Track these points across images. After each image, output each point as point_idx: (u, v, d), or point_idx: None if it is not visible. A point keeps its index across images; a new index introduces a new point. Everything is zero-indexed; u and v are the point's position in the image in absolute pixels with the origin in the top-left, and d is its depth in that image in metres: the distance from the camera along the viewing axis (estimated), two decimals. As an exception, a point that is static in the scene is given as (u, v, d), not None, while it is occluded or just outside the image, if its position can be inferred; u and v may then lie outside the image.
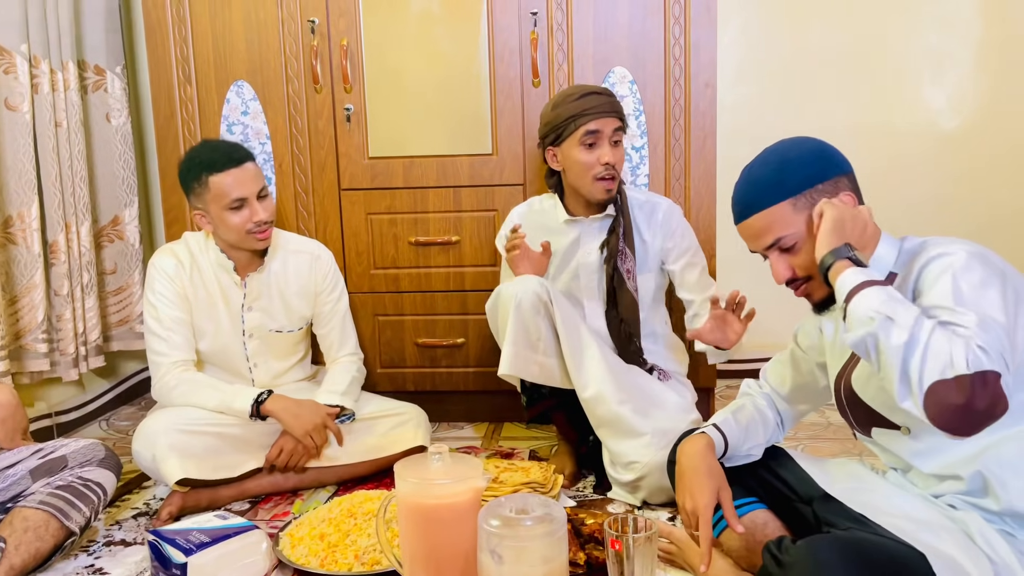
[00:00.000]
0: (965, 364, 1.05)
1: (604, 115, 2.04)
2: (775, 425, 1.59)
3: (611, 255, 2.11)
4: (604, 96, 2.06)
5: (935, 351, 1.07)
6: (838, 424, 2.54)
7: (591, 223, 2.16)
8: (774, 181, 1.33)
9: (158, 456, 1.90)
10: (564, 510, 1.35)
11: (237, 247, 2.10)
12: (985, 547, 1.19)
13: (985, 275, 1.16)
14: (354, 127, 2.49)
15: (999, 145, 2.94)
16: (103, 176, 2.75)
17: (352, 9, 2.44)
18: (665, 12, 2.37)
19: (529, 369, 2.00)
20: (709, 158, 2.43)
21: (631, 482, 1.94)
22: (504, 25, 2.41)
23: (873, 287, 1.17)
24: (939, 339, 1.07)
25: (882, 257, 1.33)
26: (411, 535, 1.43)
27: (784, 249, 1.35)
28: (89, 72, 2.70)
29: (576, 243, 2.17)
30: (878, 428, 1.38)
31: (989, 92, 2.94)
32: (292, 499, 2.06)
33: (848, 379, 1.41)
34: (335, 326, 2.25)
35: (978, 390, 1.04)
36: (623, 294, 2.11)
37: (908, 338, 1.08)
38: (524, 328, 1.98)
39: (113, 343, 2.82)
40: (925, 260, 1.23)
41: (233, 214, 2.02)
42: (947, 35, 2.93)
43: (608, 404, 1.96)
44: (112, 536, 1.87)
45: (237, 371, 2.18)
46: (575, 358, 1.99)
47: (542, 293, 1.99)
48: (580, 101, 2.05)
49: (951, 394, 1.05)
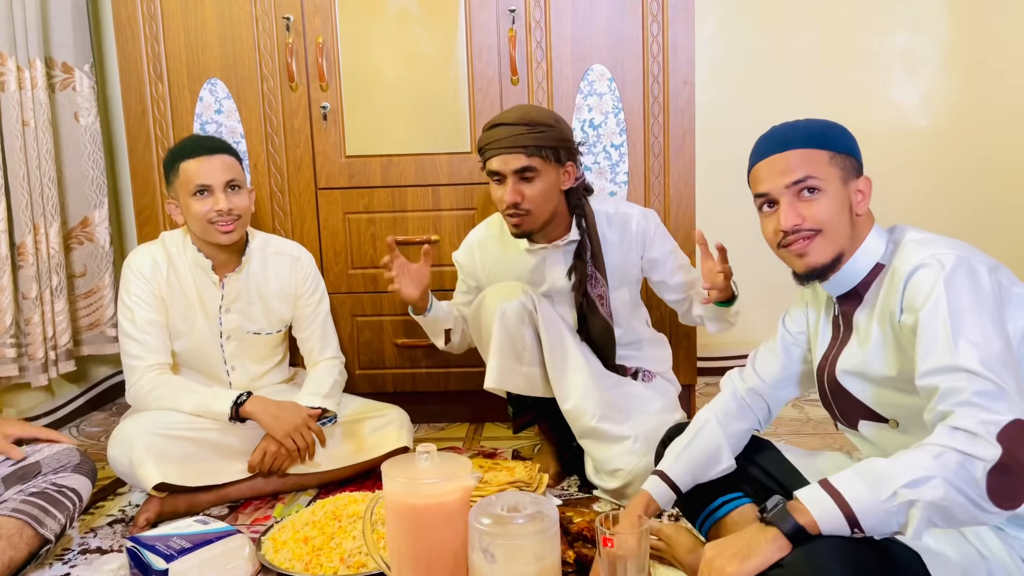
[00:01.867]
0: (990, 445, 1.04)
1: (503, 152, 1.90)
2: (744, 422, 1.56)
3: (580, 281, 2.03)
4: (515, 128, 1.90)
5: (957, 470, 1.04)
6: (818, 419, 2.55)
7: (553, 250, 2.06)
8: (818, 131, 1.34)
9: (135, 460, 1.85)
10: (555, 508, 1.34)
11: (204, 240, 2.06)
12: (976, 542, 1.20)
13: (972, 291, 1.16)
14: (330, 125, 2.46)
15: (970, 143, 2.98)
16: (72, 176, 2.69)
17: (328, 6, 2.41)
18: (643, 10, 2.37)
19: (515, 381, 1.97)
20: (688, 155, 2.44)
21: (616, 489, 1.92)
22: (482, 22, 2.39)
23: (836, 490, 1.11)
24: (951, 457, 1.05)
25: (869, 249, 1.33)
26: (399, 536, 1.41)
27: (807, 189, 1.31)
28: (57, 70, 2.64)
29: (542, 266, 2.08)
30: (865, 421, 1.38)
31: (959, 92, 2.99)
32: (273, 503, 2.03)
33: (832, 370, 1.40)
34: (316, 329, 2.22)
35: (1017, 449, 1.03)
36: (595, 320, 2.05)
37: (936, 479, 1.05)
38: (509, 339, 1.95)
39: (84, 347, 2.76)
40: (911, 267, 1.23)
41: (195, 201, 1.99)
42: (918, 35, 2.97)
43: (588, 418, 1.93)
44: (87, 544, 1.82)
45: (214, 374, 2.14)
46: (557, 369, 1.96)
47: (527, 301, 1.96)
48: (488, 133, 1.94)
49: (1005, 479, 1.03)
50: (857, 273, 1.34)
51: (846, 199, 1.32)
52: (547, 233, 2.04)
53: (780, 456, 1.56)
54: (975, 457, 1.04)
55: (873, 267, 1.33)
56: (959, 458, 1.05)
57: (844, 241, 1.32)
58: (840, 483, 1.11)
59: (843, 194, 1.31)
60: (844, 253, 1.33)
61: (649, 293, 2.28)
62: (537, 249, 2.07)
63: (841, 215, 1.31)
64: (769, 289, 2.03)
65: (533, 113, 1.94)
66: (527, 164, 1.90)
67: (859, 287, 1.35)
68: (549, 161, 1.93)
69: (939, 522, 1.07)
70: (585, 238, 2.03)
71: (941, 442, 1.07)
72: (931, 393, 1.14)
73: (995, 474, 1.04)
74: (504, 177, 1.93)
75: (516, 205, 1.92)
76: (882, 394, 1.33)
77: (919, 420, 1.25)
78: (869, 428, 1.39)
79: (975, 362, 1.10)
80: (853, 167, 1.34)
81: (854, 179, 1.34)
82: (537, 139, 1.91)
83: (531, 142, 1.90)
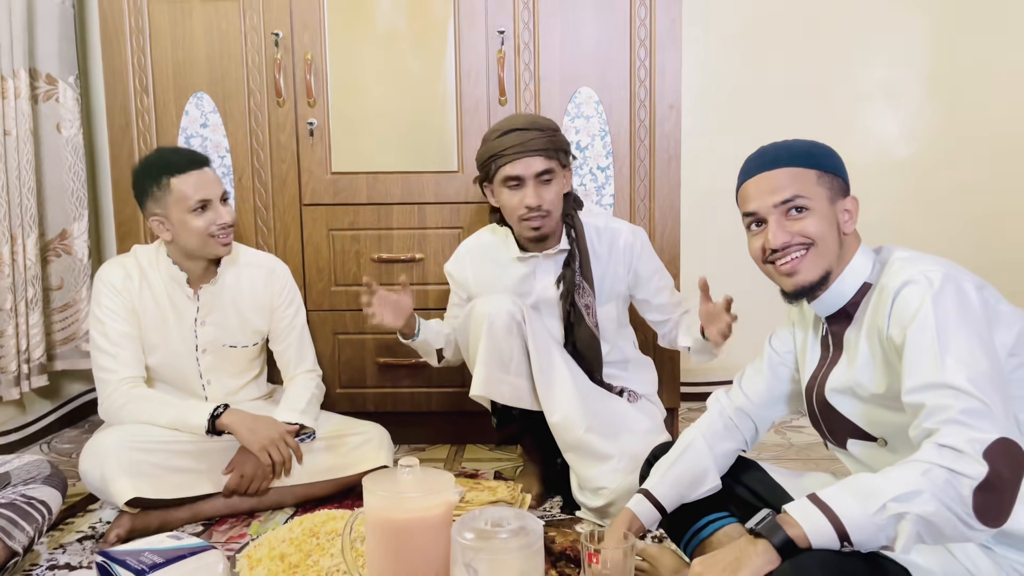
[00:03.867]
0: (977, 463, 1.04)
1: (522, 156, 1.94)
2: (729, 443, 1.55)
3: (568, 291, 2.05)
4: (528, 132, 1.95)
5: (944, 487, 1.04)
6: (800, 445, 2.55)
7: (544, 259, 2.09)
8: (807, 151, 1.35)
9: (107, 475, 1.81)
10: (540, 523, 1.32)
11: (195, 255, 2.03)
12: (965, 561, 1.18)
13: (960, 308, 1.16)
14: (317, 142, 2.45)
15: (950, 174, 3.03)
16: (52, 188, 2.65)
17: (317, 23, 2.41)
18: (631, 34, 2.40)
19: (501, 390, 1.95)
20: (673, 179, 2.45)
21: (600, 508, 1.90)
22: (471, 43, 2.41)
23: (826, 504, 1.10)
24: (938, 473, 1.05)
25: (857, 268, 1.34)
26: (380, 551, 1.38)
27: (795, 208, 1.31)
28: (40, 81, 2.62)
29: (532, 277, 2.10)
30: (854, 440, 1.38)
31: (939, 123, 3.04)
32: (248, 521, 1.98)
33: (821, 390, 1.40)
34: (292, 342, 2.19)
35: (1002, 467, 1.04)
36: (582, 330, 2.05)
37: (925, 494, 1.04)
38: (497, 349, 1.94)
39: (57, 362, 2.71)
40: (899, 283, 1.23)
41: (196, 217, 1.97)
42: (898, 68, 3.02)
43: (576, 430, 1.92)
44: (56, 560, 1.77)
45: (190, 388, 2.11)
46: (545, 381, 1.96)
47: (515, 312, 1.95)
48: (500, 140, 1.97)
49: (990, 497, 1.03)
50: (845, 293, 1.34)
51: (834, 218, 1.32)
52: (539, 242, 2.07)
53: (766, 476, 1.55)
54: (962, 475, 1.04)
55: (861, 286, 1.33)
56: (946, 475, 1.04)
57: (832, 259, 1.32)
58: (829, 497, 1.10)
59: (831, 213, 1.32)
60: (832, 271, 1.33)
61: (635, 316, 2.28)
62: (528, 257, 2.08)
63: (830, 233, 1.32)
64: (752, 316, 2.04)
65: (539, 119, 2.01)
66: (547, 166, 1.96)
67: (847, 307, 1.35)
68: (560, 164, 2.00)
69: (927, 538, 1.06)
70: (574, 248, 2.04)
71: (928, 459, 1.07)
72: (917, 410, 1.14)
73: (981, 492, 1.03)
74: (522, 182, 1.96)
75: (539, 207, 1.95)
76: (871, 412, 1.33)
77: (908, 438, 1.25)
78: (858, 447, 1.38)
79: (962, 380, 1.10)
80: (840, 187, 1.35)
81: (841, 198, 1.34)
82: (552, 142, 1.97)
83: (548, 145, 1.96)
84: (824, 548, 1.08)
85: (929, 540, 1.07)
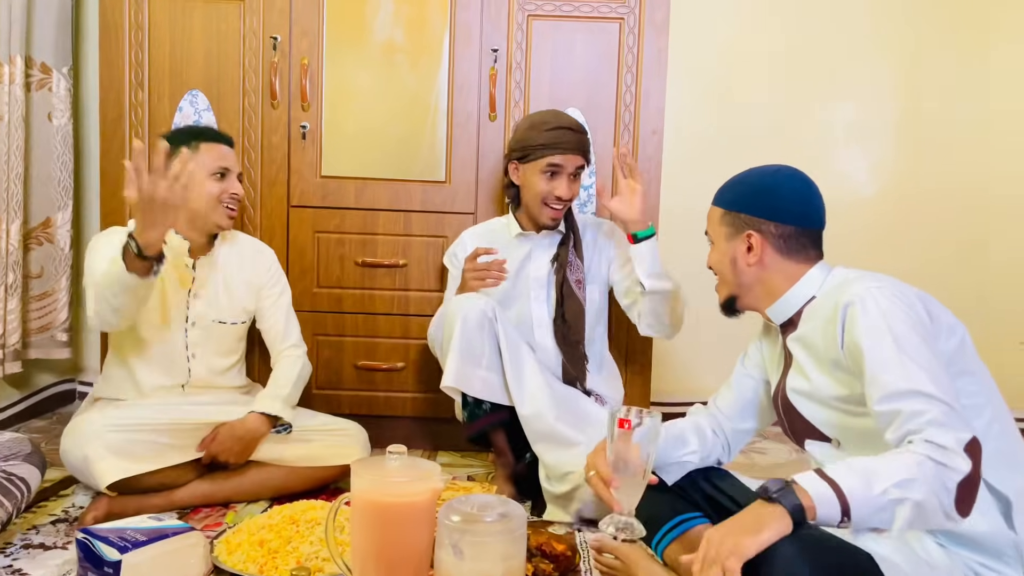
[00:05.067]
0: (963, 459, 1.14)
1: (572, 152, 2.15)
2: (712, 436, 1.64)
3: (561, 265, 2.21)
4: (576, 134, 2.17)
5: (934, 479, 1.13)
6: (763, 466, 2.63)
7: (542, 238, 2.26)
8: (726, 188, 1.54)
9: (91, 456, 1.81)
10: (523, 509, 1.37)
11: (199, 222, 2.07)
12: (923, 553, 1.26)
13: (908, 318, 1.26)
14: (308, 145, 2.50)
15: (914, 211, 3.16)
16: (39, 176, 2.66)
17: (315, 30, 2.47)
18: (619, 60, 2.50)
19: (472, 383, 2.03)
20: (653, 202, 2.54)
21: (566, 493, 1.97)
22: (465, 59, 2.48)
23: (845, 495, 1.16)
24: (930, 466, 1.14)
25: (805, 284, 1.45)
26: (364, 535, 1.41)
27: (710, 240, 1.55)
28: (35, 70, 2.63)
29: (527, 258, 2.25)
30: (810, 440, 1.46)
31: (903, 162, 3.18)
32: (224, 511, 1.99)
33: (784, 391, 1.49)
34: (279, 319, 2.23)
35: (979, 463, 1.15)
36: (572, 301, 2.20)
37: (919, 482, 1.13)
38: (469, 342, 2.02)
39: (31, 350, 2.69)
40: (847, 299, 1.32)
41: (214, 181, 2.05)
42: (866, 109, 3.16)
43: (545, 419, 2.02)
44: (30, 540, 1.76)
45: (175, 360, 2.10)
46: (516, 375, 2.05)
47: (487, 310, 2.05)
48: (553, 133, 2.15)
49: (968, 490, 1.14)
50: (792, 305, 1.47)
51: (730, 252, 1.50)
52: (539, 224, 2.25)
53: (742, 484, 1.61)
54: (951, 468, 1.13)
55: (809, 299, 1.45)
56: (937, 468, 1.14)
57: (732, 287, 1.52)
58: (836, 474, 1.17)
59: (727, 248, 1.50)
60: (738, 297, 1.52)
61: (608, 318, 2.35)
62: (528, 235, 2.26)
63: (723, 265, 1.52)
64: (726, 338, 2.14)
65: (579, 124, 2.22)
66: (582, 165, 2.20)
67: (795, 317, 1.47)
68: (587, 166, 2.25)
69: (915, 523, 1.14)
70: (569, 231, 2.23)
71: (922, 452, 1.15)
72: (892, 416, 1.22)
73: (962, 485, 1.14)
74: (561, 172, 2.16)
75: (569, 200, 2.18)
76: (826, 414, 1.42)
77: (859, 441, 1.35)
78: (814, 447, 1.47)
79: (930, 386, 1.19)
80: (742, 224, 1.48)
81: (742, 234, 1.48)
82: (588, 145, 2.23)
83: (587, 147, 2.21)
84: (825, 523, 1.16)
85: (916, 525, 1.16)
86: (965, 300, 3.01)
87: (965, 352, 1.32)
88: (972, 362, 1.33)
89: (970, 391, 1.30)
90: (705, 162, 3.09)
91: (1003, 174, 3.15)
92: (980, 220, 3.16)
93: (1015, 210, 3.15)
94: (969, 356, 1.33)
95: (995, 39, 3.12)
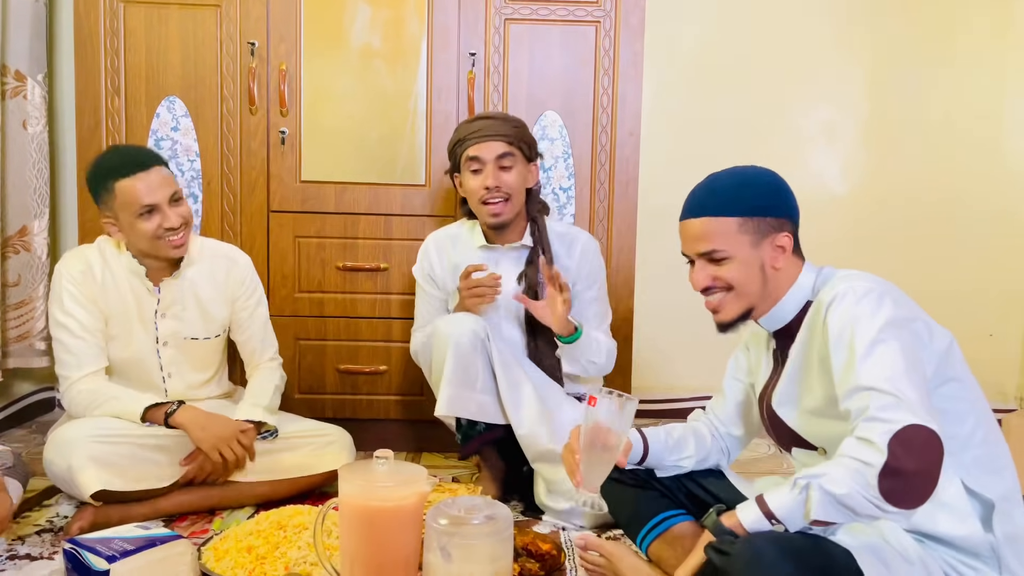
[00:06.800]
0: (877, 452, 1.15)
1: (485, 139, 2.09)
2: (712, 441, 1.67)
3: (530, 287, 2.15)
4: (493, 120, 2.11)
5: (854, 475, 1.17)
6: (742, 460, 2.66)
7: (507, 251, 2.20)
8: (732, 196, 1.41)
9: (74, 466, 1.81)
10: (510, 512, 1.39)
11: (150, 255, 2.03)
12: (899, 548, 1.29)
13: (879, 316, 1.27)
14: (288, 150, 2.50)
15: (883, 209, 3.22)
16: (14, 184, 2.64)
17: (293, 35, 2.47)
18: (596, 63, 2.52)
19: (467, 408, 2.01)
20: (631, 203, 2.57)
21: (571, 510, 1.96)
22: (443, 63, 2.50)
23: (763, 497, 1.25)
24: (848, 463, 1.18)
25: (798, 289, 1.43)
26: (352, 539, 1.43)
27: (713, 260, 1.42)
28: (9, 78, 2.61)
29: (494, 269, 2.17)
30: (797, 448, 1.49)
31: (873, 162, 3.24)
32: (210, 518, 2.00)
33: (769, 401, 1.51)
34: (255, 332, 2.21)
35: (902, 453, 1.14)
36: (543, 328, 2.13)
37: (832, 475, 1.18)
38: (463, 367, 2.00)
39: (10, 360, 2.67)
40: (829, 299, 1.34)
41: (143, 221, 1.95)
42: (838, 110, 3.21)
43: (544, 441, 2.00)
44: (16, 551, 1.76)
45: (151, 381, 2.10)
46: (511, 397, 2.02)
47: (479, 331, 2.02)
48: (467, 125, 2.12)
49: (896, 482, 1.15)
50: (788, 312, 1.44)
51: (757, 260, 1.41)
52: (503, 235, 2.17)
53: (725, 480, 1.65)
54: (864, 462, 1.16)
55: (804, 305, 1.43)
56: (853, 463, 1.17)
57: (754, 298, 1.43)
58: (768, 490, 1.26)
59: (753, 257, 1.40)
60: (755, 307, 1.44)
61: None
62: (491, 249, 2.18)
63: (750, 276, 1.41)
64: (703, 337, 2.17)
65: (508, 115, 2.15)
66: (507, 151, 2.09)
67: (791, 324, 1.45)
68: (523, 155, 2.14)
69: (846, 516, 1.18)
70: (538, 246, 2.16)
71: (842, 451, 1.20)
72: (847, 416, 1.25)
73: (885, 478, 1.15)
74: (483, 165, 2.09)
75: (497, 188, 2.08)
76: (811, 423, 1.43)
77: None
78: (801, 454, 1.49)
79: (877, 379, 1.21)
80: (768, 227, 1.41)
81: (769, 238, 1.41)
82: (515, 132, 2.13)
83: (511, 132, 2.11)
84: (755, 529, 1.22)
85: (850, 519, 1.20)
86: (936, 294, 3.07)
87: (951, 359, 1.33)
88: (959, 368, 1.35)
89: (954, 396, 1.32)
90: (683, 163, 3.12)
91: (970, 172, 3.21)
92: (949, 217, 3.22)
93: (982, 207, 3.22)
94: (956, 362, 1.34)
95: (962, 42, 3.18)
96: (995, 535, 1.30)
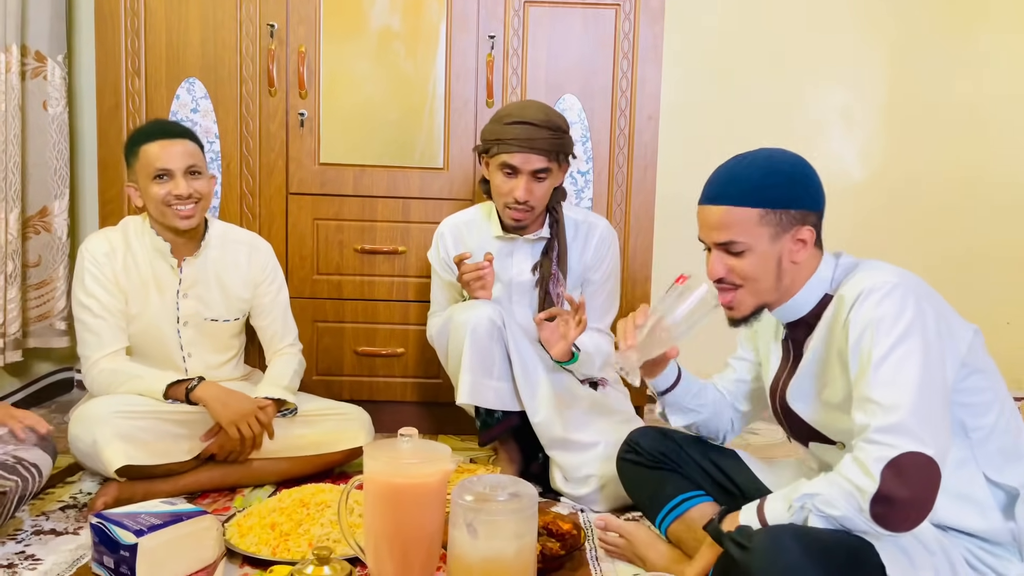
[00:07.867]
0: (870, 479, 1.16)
1: (523, 151, 2.01)
2: (725, 406, 1.68)
3: (543, 279, 2.15)
4: (538, 129, 2.01)
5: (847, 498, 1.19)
6: (757, 445, 2.67)
7: (524, 242, 2.18)
8: (754, 185, 1.35)
9: (100, 441, 1.83)
10: (534, 489, 1.40)
11: (162, 224, 2.05)
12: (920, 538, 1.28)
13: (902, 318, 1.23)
14: (307, 132, 2.51)
15: (900, 194, 3.21)
16: (35, 165, 2.65)
17: (312, 17, 2.48)
18: (615, 47, 2.52)
19: (485, 396, 2.02)
20: (649, 187, 2.57)
21: (587, 495, 1.97)
22: (462, 46, 2.50)
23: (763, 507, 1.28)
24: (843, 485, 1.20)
25: (816, 281, 1.39)
26: (377, 516, 1.44)
27: (730, 251, 1.37)
28: (30, 58, 2.62)
29: (509, 258, 2.18)
30: (814, 442, 1.48)
31: (892, 150, 3.22)
32: (231, 495, 2.02)
33: (783, 394, 1.48)
34: (276, 317, 2.23)
35: (894, 482, 1.15)
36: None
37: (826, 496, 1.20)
38: (480, 355, 2.00)
39: (30, 339, 2.70)
40: (854, 295, 1.29)
41: (155, 185, 1.98)
42: (858, 94, 3.20)
43: (558, 428, 2.01)
44: (40, 526, 1.78)
45: (171, 361, 2.12)
46: (527, 384, 2.03)
47: (496, 318, 2.02)
48: (509, 128, 2.02)
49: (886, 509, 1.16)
50: (804, 305, 1.40)
51: (776, 254, 1.36)
52: (520, 227, 2.15)
53: (740, 462, 1.65)
54: (857, 487, 1.18)
55: (822, 298, 1.39)
56: (847, 486, 1.19)
57: (768, 294, 1.39)
58: (768, 499, 1.28)
59: (772, 250, 1.35)
60: (769, 303, 1.42)
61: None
62: (508, 237, 2.16)
63: (767, 271, 1.36)
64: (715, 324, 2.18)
65: (554, 116, 2.06)
66: (545, 166, 2.03)
67: (808, 317, 1.41)
68: (559, 164, 2.08)
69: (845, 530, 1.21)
70: (554, 238, 2.14)
71: (838, 470, 1.22)
72: (855, 423, 1.25)
73: (876, 504, 1.16)
74: (517, 172, 2.02)
75: (526, 203, 2.04)
76: (830, 418, 1.40)
77: None
78: (819, 448, 1.48)
79: (886, 395, 1.20)
80: (790, 219, 1.35)
81: (790, 231, 1.35)
82: (557, 144, 2.04)
83: (552, 147, 2.03)
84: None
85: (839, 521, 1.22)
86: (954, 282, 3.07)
87: (976, 351, 1.32)
88: (982, 359, 1.33)
89: (980, 388, 1.31)
90: (701, 147, 3.12)
91: (992, 157, 3.19)
92: (969, 204, 3.21)
93: (1003, 193, 3.21)
94: (979, 354, 1.32)
95: (986, 23, 3.16)
96: (1017, 522, 1.30)
